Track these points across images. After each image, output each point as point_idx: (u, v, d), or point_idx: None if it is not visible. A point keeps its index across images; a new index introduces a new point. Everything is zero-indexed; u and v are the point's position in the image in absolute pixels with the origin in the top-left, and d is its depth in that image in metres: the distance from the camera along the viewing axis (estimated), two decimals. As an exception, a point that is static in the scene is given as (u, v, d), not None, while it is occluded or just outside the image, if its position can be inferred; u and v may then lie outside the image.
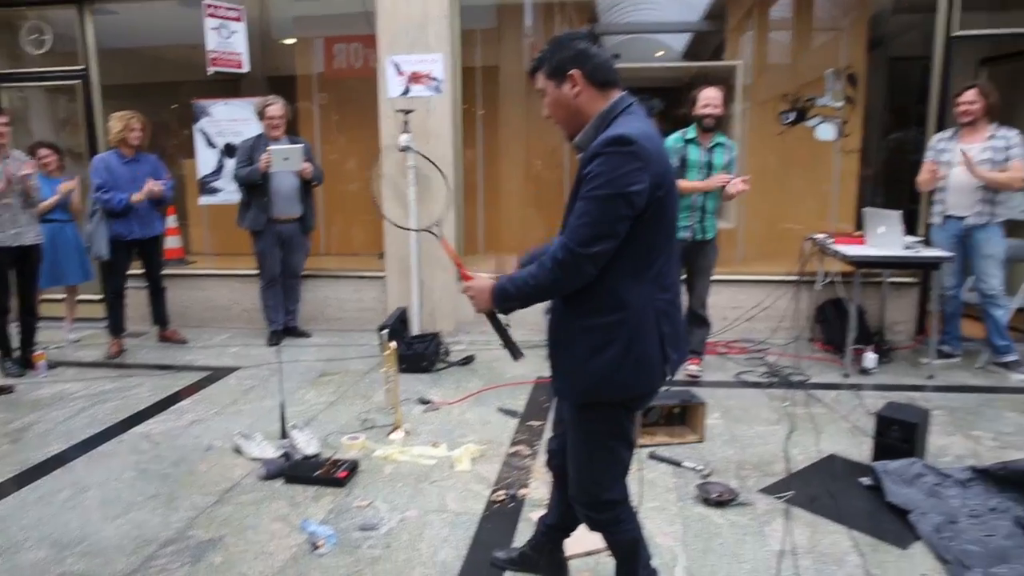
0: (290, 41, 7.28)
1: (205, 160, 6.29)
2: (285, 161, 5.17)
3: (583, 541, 2.72)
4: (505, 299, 1.97)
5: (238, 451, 3.57)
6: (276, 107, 5.38)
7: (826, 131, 6.04)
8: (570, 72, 1.90)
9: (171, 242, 6.76)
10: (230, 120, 6.26)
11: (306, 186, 5.54)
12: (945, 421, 3.89)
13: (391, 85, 5.63)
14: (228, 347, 5.56)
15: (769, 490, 3.16)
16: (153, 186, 5.20)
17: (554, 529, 2.46)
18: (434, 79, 5.63)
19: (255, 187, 5.34)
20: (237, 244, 6.14)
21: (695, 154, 4.50)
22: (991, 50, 6.22)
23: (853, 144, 6.08)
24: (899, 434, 3.29)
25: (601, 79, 1.91)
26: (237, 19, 5.88)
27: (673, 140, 4.55)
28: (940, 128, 5.38)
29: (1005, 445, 3.61)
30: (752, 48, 6.63)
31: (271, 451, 3.49)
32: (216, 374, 4.90)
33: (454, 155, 5.74)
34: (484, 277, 2.02)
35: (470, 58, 6.10)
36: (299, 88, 7.18)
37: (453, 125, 5.72)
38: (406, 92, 5.66)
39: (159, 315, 5.71)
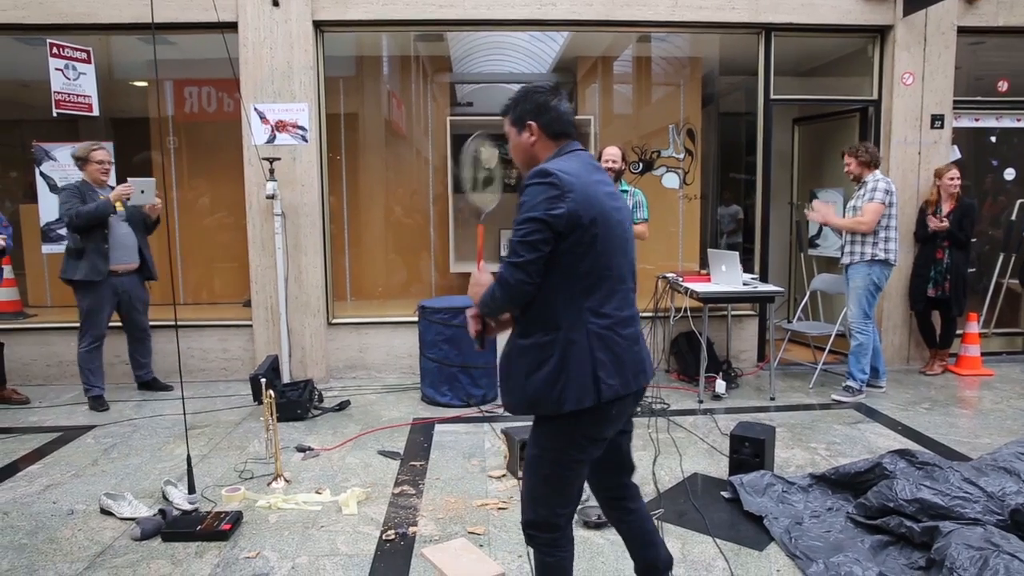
0: (140, 83, 7.02)
1: (49, 206, 5.88)
2: (141, 194, 4.93)
3: (474, 569, 2.83)
4: (480, 305, 2.15)
5: (107, 513, 3.37)
6: (104, 152, 5.13)
7: (671, 180, 6.64)
8: (528, 123, 2.15)
9: (6, 294, 6.26)
10: (77, 165, 5.92)
11: (145, 231, 5.30)
12: (787, 436, 4.38)
13: (256, 132, 5.59)
14: (80, 404, 5.17)
15: (642, 509, 3.41)
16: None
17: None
18: (300, 128, 5.66)
19: (93, 232, 4.94)
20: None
21: None
22: (801, 112, 7.16)
23: (694, 191, 6.71)
24: (750, 450, 3.67)
25: (555, 131, 2.16)
26: (86, 60, 5.62)
27: None
28: (767, 177, 6.11)
29: (836, 454, 4.11)
30: (599, 100, 7.17)
31: (144, 510, 3.33)
32: (69, 434, 4.56)
33: (321, 202, 5.76)
34: (487, 275, 2.17)
35: (333, 105, 6.19)
36: (151, 131, 6.93)
37: (319, 173, 5.75)
38: (272, 140, 5.64)
39: (-6, 374, 5.22)
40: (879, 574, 2.73)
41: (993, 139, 6.51)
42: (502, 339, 2.23)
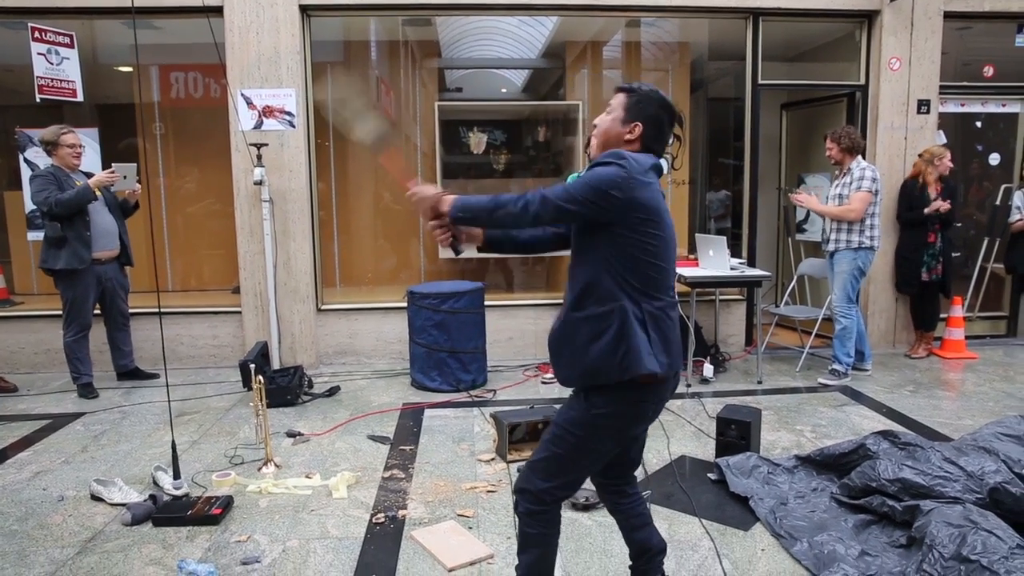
0: (126, 69, 6.95)
1: (34, 193, 5.83)
2: (124, 180, 4.93)
3: (463, 551, 2.87)
4: (461, 208, 2.15)
5: (97, 499, 3.38)
6: (74, 135, 5.01)
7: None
8: (637, 123, 2.15)
9: (-8, 281, 6.23)
10: (63, 150, 5.86)
11: (123, 216, 5.25)
12: (773, 419, 4.43)
13: (243, 118, 5.55)
14: (69, 392, 5.16)
15: (629, 491, 3.45)
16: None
17: (641, 559, 2.46)
18: (287, 114, 5.63)
19: (74, 220, 4.83)
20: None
21: None
22: (789, 97, 7.18)
23: (682, 177, 6.73)
24: (736, 432, 3.72)
25: (650, 144, 2.17)
26: (68, 45, 5.56)
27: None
28: (755, 162, 6.13)
29: (821, 436, 4.17)
30: (588, 86, 7.15)
31: (135, 495, 3.34)
32: (58, 421, 4.55)
33: (309, 189, 5.74)
34: (429, 186, 2.25)
35: (320, 91, 6.14)
36: (137, 117, 6.86)
37: (307, 159, 5.73)
38: (259, 125, 5.61)
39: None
40: (861, 552, 2.78)
41: (979, 124, 6.55)
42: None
